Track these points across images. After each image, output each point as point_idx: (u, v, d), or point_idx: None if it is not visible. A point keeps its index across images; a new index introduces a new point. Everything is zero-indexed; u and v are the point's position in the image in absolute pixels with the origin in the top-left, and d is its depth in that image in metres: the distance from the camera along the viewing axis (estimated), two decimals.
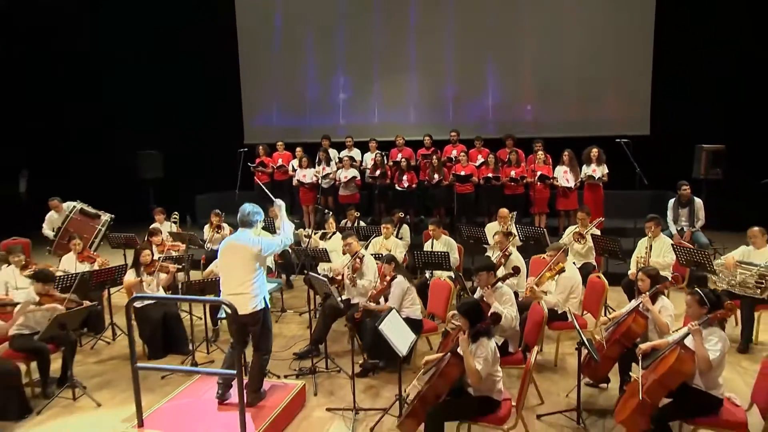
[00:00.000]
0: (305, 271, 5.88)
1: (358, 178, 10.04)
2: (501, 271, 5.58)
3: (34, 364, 5.15)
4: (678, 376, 3.76)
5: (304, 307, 7.26)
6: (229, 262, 4.57)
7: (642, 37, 10.62)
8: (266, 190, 5.82)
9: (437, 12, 11.72)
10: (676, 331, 4.17)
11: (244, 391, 4.10)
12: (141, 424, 4.29)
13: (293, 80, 12.69)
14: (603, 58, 10.95)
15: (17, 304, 5.07)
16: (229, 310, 4.08)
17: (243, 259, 4.50)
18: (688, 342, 3.81)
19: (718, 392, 3.82)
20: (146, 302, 5.95)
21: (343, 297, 6.00)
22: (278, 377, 5.30)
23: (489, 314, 4.33)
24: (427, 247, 7.08)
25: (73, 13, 12.41)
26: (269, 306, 4.71)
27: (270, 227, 6.80)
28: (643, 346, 4.11)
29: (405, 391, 4.48)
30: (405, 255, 7.28)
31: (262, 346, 4.68)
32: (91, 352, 6.14)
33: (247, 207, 4.61)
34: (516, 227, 7.37)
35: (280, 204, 4.78)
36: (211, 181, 11.44)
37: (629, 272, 6.35)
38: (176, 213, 8.49)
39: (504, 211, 7.48)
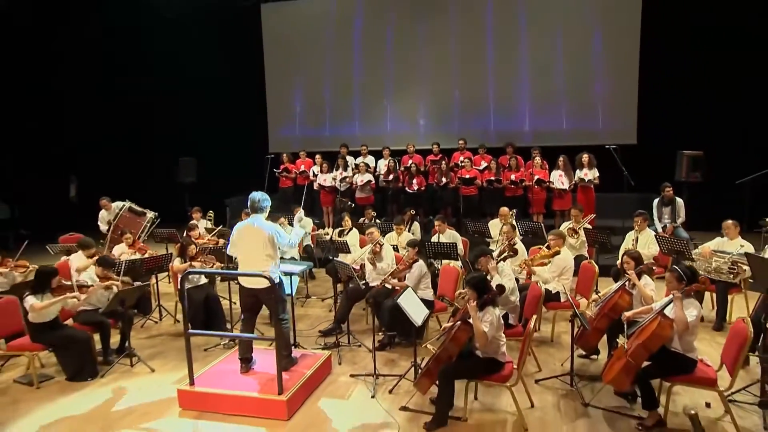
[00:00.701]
0: (330, 258, 6.18)
1: (373, 182, 10.15)
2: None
3: (96, 336, 5.39)
4: (659, 340, 3.96)
5: (325, 293, 7.59)
6: (247, 242, 4.78)
7: (629, 58, 10.66)
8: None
9: (444, 35, 11.81)
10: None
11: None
12: (192, 383, 4.58)
13: (313, 95, 12.81)
14: (594, 76, 11.07)
15: (90, 286, 5.40)
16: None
17: (258, 240, 4.71)
18: (668, 311, 4.04)
19: (693, 355, 4.06)
20: (191, 286, 6.20)
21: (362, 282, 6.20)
22: (305, 349, 5.50)
23: (495, 286, 4.62)
24: (434, 239, 7.29)
25: (128, 38, 12.63)
26: (282, 280, 4.93)
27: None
28: (628, 313, 4.36)
29: (419, 359, 4.77)
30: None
31: (280, 312, 4.80)
32: (142, 330, 6.44)
33: (257, 195, 4.80)
34: (516, 223, 7.56)
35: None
36: (240, 185, 11.66)
37: (617, 262, 6.61)
38: (211, 211, 8.84)
39: (504, 209, 7.64)
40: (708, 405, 4.24)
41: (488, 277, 4.86)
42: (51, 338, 4.99)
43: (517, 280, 5.50)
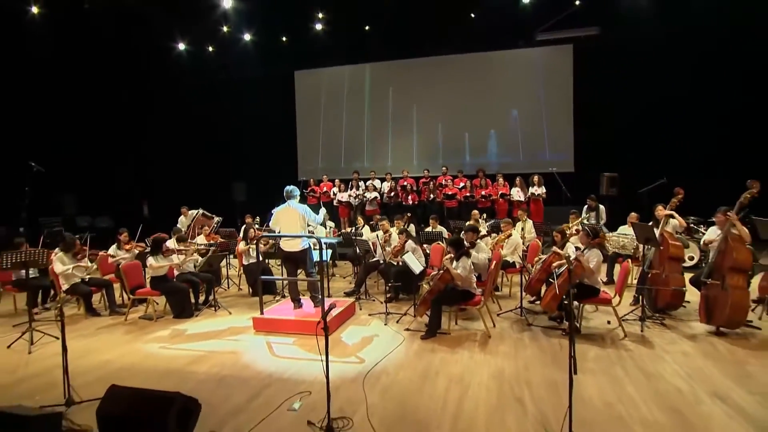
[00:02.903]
0: (353, 237, 7.05)
1: (379, 198, 10.81)
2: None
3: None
4: (575, 277, 4.83)
5: (345, 274, 8.39)
6: (286, 218, 5.43)
7: (566, 108, 11.26)
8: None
9: (431, 95, 12.26)
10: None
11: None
12: (262, 313, 5.44)
13: (333, 137, 13.07)
14: (542, 121, 11.54)
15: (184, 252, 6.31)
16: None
17: (294, 217, 5.40)
18: (583, 257, 4.93)
19: (598, 286, 4.91)
20: (251, 261, 7.03)
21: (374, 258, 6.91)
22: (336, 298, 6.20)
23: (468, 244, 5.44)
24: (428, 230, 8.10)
25: (204, 94, 12.78)
26: (311, 246, 5.53)
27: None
28: (555, 263, 5.32)
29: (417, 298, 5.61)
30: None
31: (310, 269, 5.44)
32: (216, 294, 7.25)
33: (289, 187, 5.55)
34: (485, 223, 8.54)
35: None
36: (277, 202, 12.28)
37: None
38: (257, 217, 9.70)
39: (475, 212, 8.40)
40: (609, 322, 5.10)
41: (472, 249, 5.55)
42: (163, 287, 5.84)
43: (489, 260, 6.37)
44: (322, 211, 5.99)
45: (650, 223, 5.42)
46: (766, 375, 3.77)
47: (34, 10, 8.58)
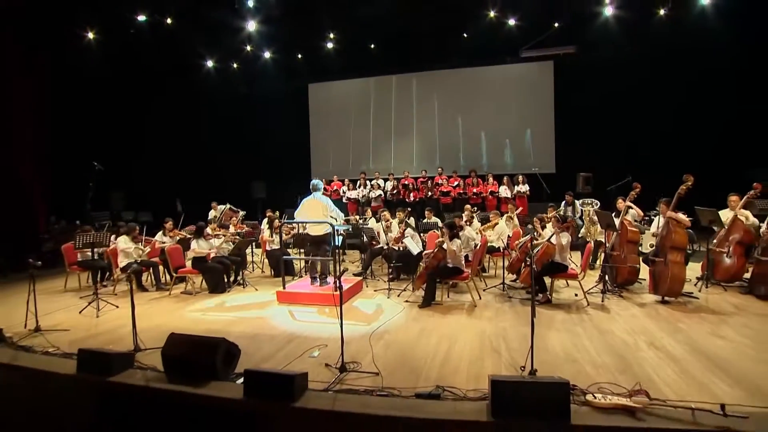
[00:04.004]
0: (360, 226, 7.50)
1: (383, 196, 11.14)
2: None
3: None
4: (547, 256, 5.33)
5: (353, 260, 8.75)
6: (312, 208, 5.83)
7: (548, 117, 11.55)
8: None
9: (429, 105, 12.53)
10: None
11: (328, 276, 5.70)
12: (284, 287, 5.90)
13: (341, 142, 13.28)
14: (527, 128, 11.81)
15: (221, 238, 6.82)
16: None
17: (318, 207, 5.82)
18: (552, 240, 5.45)
19: (566, 263, 5.36)
20: (273, 247, 7.49)
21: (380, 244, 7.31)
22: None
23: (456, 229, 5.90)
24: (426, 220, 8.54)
25: (226, 108, 13.13)
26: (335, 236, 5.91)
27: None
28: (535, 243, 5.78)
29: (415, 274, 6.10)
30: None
31: (329, 253, 5.92)
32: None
33: (314, 180, 6.06)
34: (476, 216, 8.95)
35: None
36: (292, 199, 12.04)
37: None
38: (277, 212, 10.13)
39: (467, 207, 8.69)
40: (576, 295, 5.53)
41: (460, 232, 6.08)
42: (202, 266, 6.35)
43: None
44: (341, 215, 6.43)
45: (612, 213, 5.88)
46: (693, 330, 4.24)
47: (90, 35, 9.20)
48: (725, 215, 5.42)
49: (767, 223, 5.13)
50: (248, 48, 11.66)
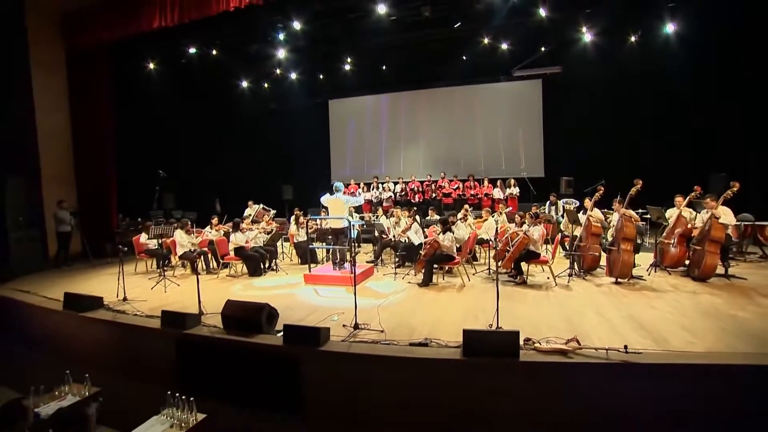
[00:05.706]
0: (372, 221, 8.22)
1: (393, 197, 11.74)
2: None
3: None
4: (523, 246, 5.95)
5: (366, 251, 9.37)
6: (335, 205, 6.43)
7: (536, 128, 11.94)
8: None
9: (435, 117, 12.99)
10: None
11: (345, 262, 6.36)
12: (310, 271, 6.72)
13: (358, 151, 13.79)
14: (519, 138, 12.18)
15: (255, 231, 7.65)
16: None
17: (340, 204, 6.41)
18: (528, 233, 6.11)
19: (539, 252, 5.99)
20: (300, 240, 8.30)
21: (389, 237, 7.97)
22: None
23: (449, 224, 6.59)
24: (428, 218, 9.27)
25: (258, 121, 13.76)
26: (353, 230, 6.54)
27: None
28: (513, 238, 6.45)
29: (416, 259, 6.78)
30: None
31: (346, 243, 6.43)
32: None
33: (337, 183, 6.65)
34: (471, 215, 9.59)
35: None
36: (316, 200, 12.69)
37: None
38: (302, 210, 10.88)
39: (466, 206, 9.41)
40: (548, 278, 6.12)
41: (453, 227, 6.84)
42: (243, 254, 7.12)
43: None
44: (361, 198, 7.07)
45: (580, 212, 6.52)
46: (633, 303, 4.87)
47: (151, 65, 10.21)
48: (672, 213, 6.02)
49: (698, 218, 5.72)
50: (278, 71, 12.53)
